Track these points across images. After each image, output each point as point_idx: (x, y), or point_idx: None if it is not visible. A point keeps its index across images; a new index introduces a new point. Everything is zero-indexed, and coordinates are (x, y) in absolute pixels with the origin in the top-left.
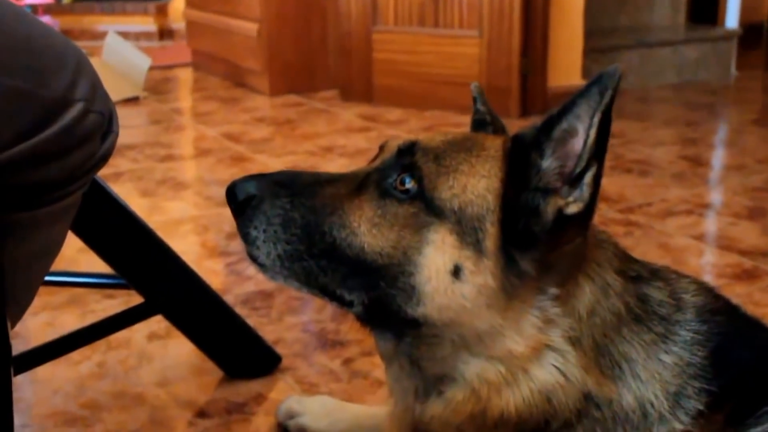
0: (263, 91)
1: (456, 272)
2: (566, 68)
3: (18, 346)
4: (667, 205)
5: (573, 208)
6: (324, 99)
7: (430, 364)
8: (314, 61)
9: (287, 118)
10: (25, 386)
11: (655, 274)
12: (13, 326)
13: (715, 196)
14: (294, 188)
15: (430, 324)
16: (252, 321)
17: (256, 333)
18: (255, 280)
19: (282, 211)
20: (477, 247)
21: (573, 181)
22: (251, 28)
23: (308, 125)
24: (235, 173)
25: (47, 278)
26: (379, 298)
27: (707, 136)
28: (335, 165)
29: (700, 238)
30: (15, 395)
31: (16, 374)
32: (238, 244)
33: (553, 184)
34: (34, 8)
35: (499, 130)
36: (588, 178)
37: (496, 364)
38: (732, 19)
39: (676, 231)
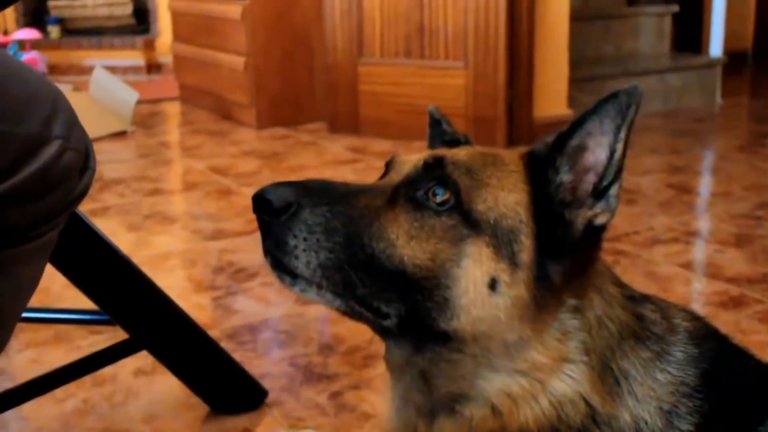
0: (250, 124)
1: (492, 285)
2: (552, 98)
3: (3, 383)
4: (653, 234)
5: (602, 219)
6: (311, 131)
7: (445, 383)
8: (301, 94)
9: (274, 150)
10: (10, 424)
11: (645, 297)
12: None
13: (702, 224)
14: (330, 197)
15: (459, 338)
16: (238, 355)
17: (242, 367)
18: (242, 314)
19: (323, 219)
20: (512, 259)
21: (599, 193)
22: (238, 61)
23: (296, 158)
24: (222, 207)
25: (32, 315)
26: (414, 311)
27: (693, 164)
28: None
29: (686, 266)
30: None
31: (1, 412)
32: (224, 278)
33: (568, 197)
34: (21, 43)
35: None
36: (615, 189)
37: (519, 378)
38: (716, 47)
39: (662, 259)
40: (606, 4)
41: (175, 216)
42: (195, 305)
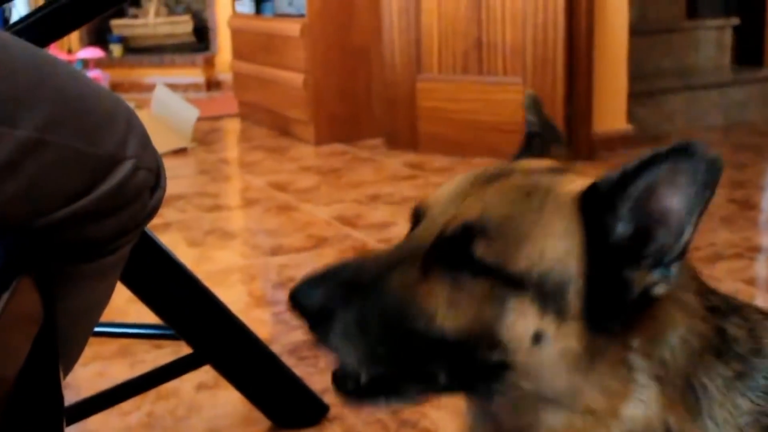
0: (309, 141)
1: (537, 338)
2: (611, 113)
3: (69, 397)
4: (715, 249)
5: (659, 290)
6: (369, 147)
7: (509, 418)
8: (359, 110)
9: (333, 167)
10: None
11: (735, 310)
12: (64, 376)
13: (765, 240)
14: (362, 288)
15: (510, 383)
16: (299, 370)
17: (303, 382)
18: (302, 329)
19: (355, 325)
20: (560, 312)
21: (659, 261)
22: (297, 78)
23: (354, 174)
24: (282, 222)
25: (97, 329)
26: (459, 373)
27: (755, 179)
28: (382, 213)
29: (750, 282)
30: None
31: (67, 425)
32: (285, 294)
33: (629, 252)
34: (85, 62)
35: (548, 143)
36: (676, 267)
37: (583, 415)
38: None
39: (725, 275)
40: (665, 18)
41: (235, 231)
42: (255, 320)
